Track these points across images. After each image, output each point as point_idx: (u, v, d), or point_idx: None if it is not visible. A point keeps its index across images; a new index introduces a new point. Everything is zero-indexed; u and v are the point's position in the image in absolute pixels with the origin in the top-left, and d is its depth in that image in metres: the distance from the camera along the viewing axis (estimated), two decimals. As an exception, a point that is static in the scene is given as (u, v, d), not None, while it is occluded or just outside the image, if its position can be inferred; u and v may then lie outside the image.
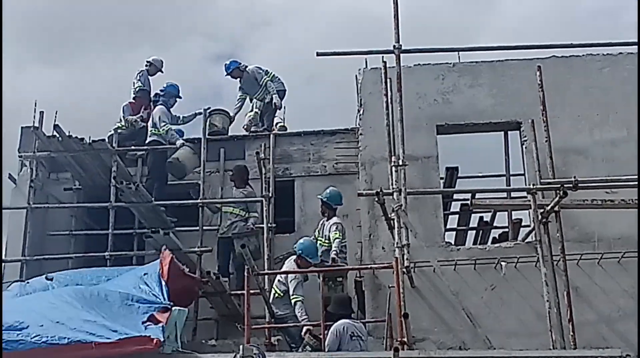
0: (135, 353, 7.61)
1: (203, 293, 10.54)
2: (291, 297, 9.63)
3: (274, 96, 13.62)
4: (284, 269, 10.48)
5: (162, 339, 7.58)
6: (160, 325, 7.86)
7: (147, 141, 12.71)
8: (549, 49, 11.03)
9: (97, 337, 7.63)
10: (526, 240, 10.46)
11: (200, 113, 13.20)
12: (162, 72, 14.16)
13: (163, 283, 8.83)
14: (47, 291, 9.39)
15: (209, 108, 13.11)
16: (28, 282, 9.85)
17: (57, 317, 8.11)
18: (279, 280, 10.16)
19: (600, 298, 9.64)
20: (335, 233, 10.71)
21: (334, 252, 10.52)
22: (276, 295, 10.04)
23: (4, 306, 8.75)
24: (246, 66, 13.98)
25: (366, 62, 11.20)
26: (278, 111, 13.87)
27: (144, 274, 9.23)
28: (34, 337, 7.70)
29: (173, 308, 8.41)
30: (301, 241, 10.26)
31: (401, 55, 10.21)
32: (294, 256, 10.10)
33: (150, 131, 12.76)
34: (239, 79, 13.94)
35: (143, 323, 7.86)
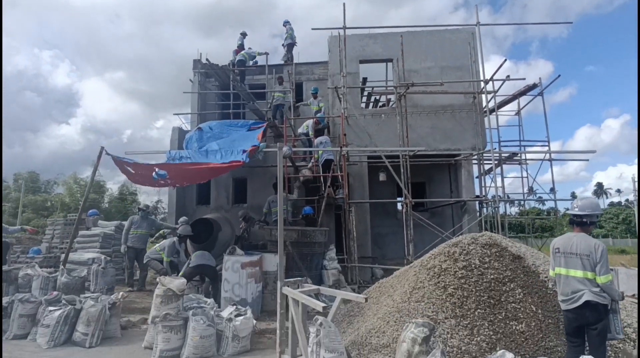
0: (234, 168, 7.71)
1: (270, 127, 10.61)
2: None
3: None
4: (305, 123, 10.37)
5: (244, 160, 7.44)
6: (246, 153, 7.56)
7: (237, 60, 12.37)
8: (407, 27, 11.10)
9: (220, 160, 7.56)
10: (392, 106, 10.94)
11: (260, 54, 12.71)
12: (247, 35, 13.90)
13: (256, 134, 8.77)
14: (207, 132, 9.19)
15: (266, 53, 12.58)
16: (200, 127, 9.44)
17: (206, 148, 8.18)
18: (306, 125, 10.15)
19: (420, 126, 10.46)
20: (322, 103, 11.00)
21: (325, 116, 10.67)
22: (305, 128, 10.21)
23: (195, 136, 8.77)
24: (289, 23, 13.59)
25: (331, 33, 11.31)
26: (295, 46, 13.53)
27: (252, 125, 9.45)
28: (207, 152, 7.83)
29: (260, 144, 8.28)
30: (319, 114, 10.22)
31: (346, 30, 10.57)
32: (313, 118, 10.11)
33: (242, 54, 12.44)
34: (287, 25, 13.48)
35: (244, 151, 7.63)
